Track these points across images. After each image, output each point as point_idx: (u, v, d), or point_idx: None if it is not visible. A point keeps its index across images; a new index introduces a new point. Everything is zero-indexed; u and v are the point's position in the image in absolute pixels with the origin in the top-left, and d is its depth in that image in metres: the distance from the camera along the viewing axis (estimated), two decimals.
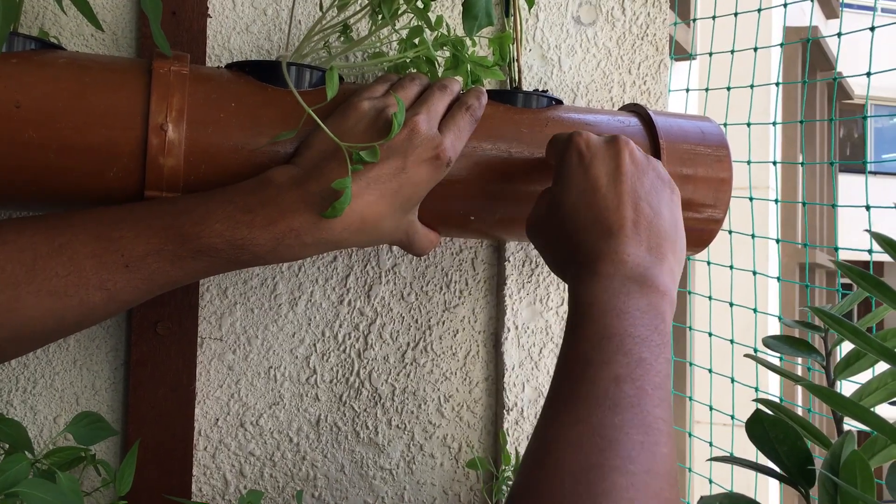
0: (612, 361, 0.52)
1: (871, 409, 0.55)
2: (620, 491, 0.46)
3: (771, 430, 0.61)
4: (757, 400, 0.65)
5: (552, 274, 0.86)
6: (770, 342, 0.70)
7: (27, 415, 0.75)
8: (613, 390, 0.50)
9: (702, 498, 0.62)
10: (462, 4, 0.61)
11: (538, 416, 0.54)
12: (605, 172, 0.61)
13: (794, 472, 0.60)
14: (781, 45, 1.09)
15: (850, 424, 0.63)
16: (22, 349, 0.61)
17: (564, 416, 0.50)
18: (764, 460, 0.66)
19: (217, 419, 0.79)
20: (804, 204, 1.12)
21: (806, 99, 7.45)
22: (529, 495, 0.48)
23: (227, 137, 0.63)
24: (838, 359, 0.67)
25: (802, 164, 1.19)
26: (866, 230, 0.57)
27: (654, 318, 0.55)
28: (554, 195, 0.64)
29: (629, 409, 0.49)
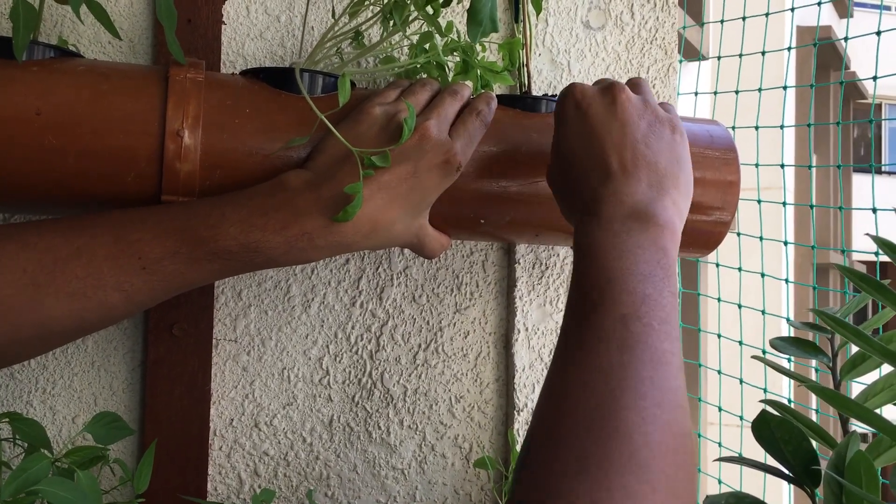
0: (618, 301, 0.52)
1: (875, 411, 0.55)
2: (633, 426, 0.47)
3: (777, 431, 0.61)
4: (763, 401, 0.66)
5: (562, 275, 0.87)
6: (777, 343, 0.70)
7: (46, 415, 0.77)
8: (620, 330, 0.51)
9: (707, 497, 0.63)
10: (467, 11, 0.62)
11: (550, 360, 0.55)
12: (601, 118, 0.62)
13: (800, 472, 0.61)
14: (789, 49, 1.10)
15: (857, 425, 0.63)
16: (42, 348, 0.63)
17: (574, 359, 0.51)
18: (773, 462, 0.66)
19: (232, 419, 0.80)
20: (812, 207, 1.12)
21: (819, 99, 7.42)
22: (545, 439, 0.49)
23: (241, 143, 0.64)
24: (845, 360, 0.68)
25: (810, 167, 1.19)
26: (867, 234, 0.58)
27: (655, 252, 0.56)
28: (556, 145, 0.65)
29: (637, 347, 0.50)
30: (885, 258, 0.63)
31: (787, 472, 0.63)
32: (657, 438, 0.48)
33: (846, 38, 1.00)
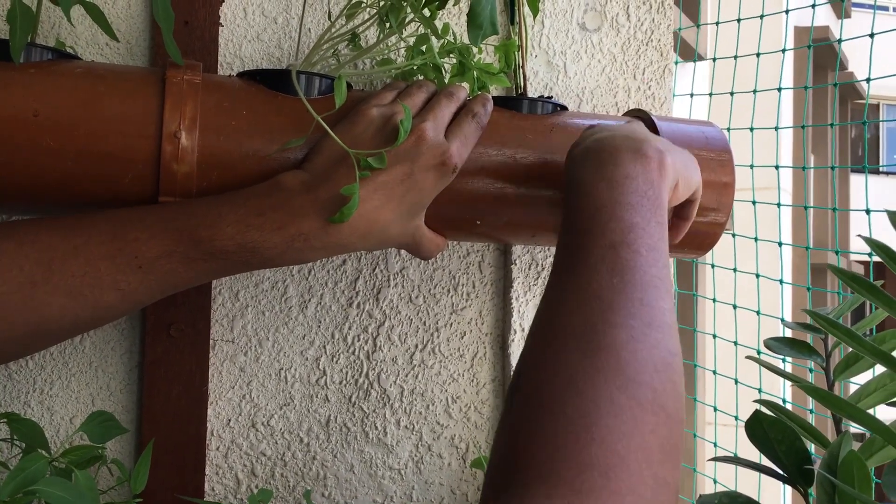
0: (606, 229, 0.55)
1: (867, 411, 0.56)
2: (622, 343, 0.49)
3: (770, 431, 0.62)
4: (757, 401, 0.66)
5: None
6: (771, 344, 0.71)
7: (44, 415, 0.77)
8: (610, 255, 0.53)
9: (700, 496, 0.63)
10: (467, 14, 0.63)
11: (544, 289, 0.57)
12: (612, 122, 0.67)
13: (793, 472, 0.61)
14: (783, 51, 1.10)
15: (850, 425, 0.64)
16: (38, 346, 0.63)
17: (566, 283, 0.53)
18: (767, 462, 0.67)
19: (229, 420, 0.81)
20: (807, 208, 1.13)
21: (817, 99, 7.42)
22: (537, 360, 0.51)
23: (238, 144, 0.65)
24: (838, 360, 0.68)
25: (804, 168, 1.20)
26: (859, 235, 0.59)
27: (642, 183, 0.58)
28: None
29: (626, 271, 0.52)
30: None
31: (780, 471, 0.64)
32: (644, 355, 0.49)
33: (840, 41, 1.01)
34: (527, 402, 0.49)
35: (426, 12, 0.68)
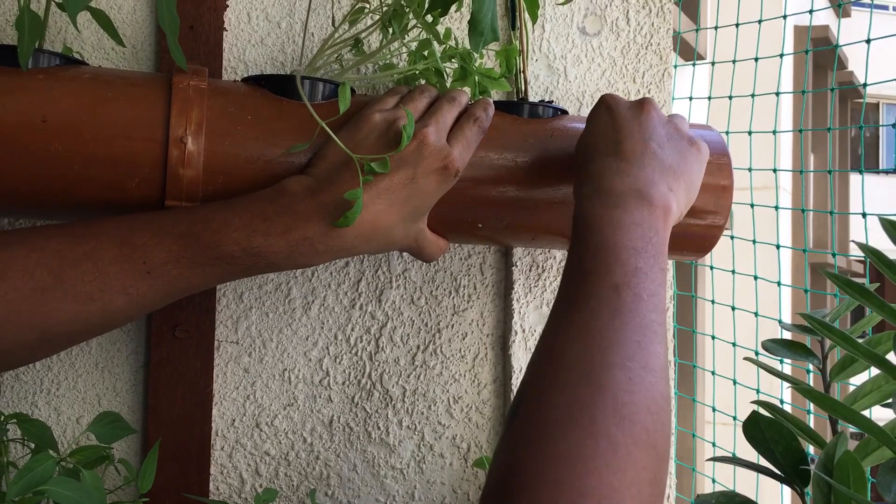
0: (611, 271, 0.57)
1: (861, 412, 0.57)
2: (620, 383, 0.51)
3: (767, 431, 0.63)
4: (754, 402, 0.67)
5: (558, 278, 0.88)
6: (768, 346, 0.72)
7: (51, 416, 0.78)
8: (613, 297, 0.56)
9: (698, 496, 0.64)
10: (468, 21, 0.63)
11: (547, 321, 0.59)
12: (625, 117, 0.67)
13: (790, 472, 0.62)
14: (781, 55, 1.11)
15: (848, 425, 0.65)
16: (48, 351, 0.64)
17: (571, 319, 0.55)
18: (765, 462, 0.68)
19: (234, 420, 0.82)
20: (804, 211, 1.13)
21: (817, 99, 7.42)
22: (538, 390, 0.53)
23: (243, 149, 0.65)
24: (835, 362, 0.69)
25: (801, 171, 1.21)
26: (853, 241, 0.59)
27: (647, 230, 0.60)
28: (581, 138, 0.69)
29: (627, 314, 0.55)
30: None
31: (777, 471, 0.65)
32: (640, 397, 0.51)
33: (836, 46, 1.01)
34: (526, 429, 0.51)
35: (428, 18, 0.69)
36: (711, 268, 1.21)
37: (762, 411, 0.65)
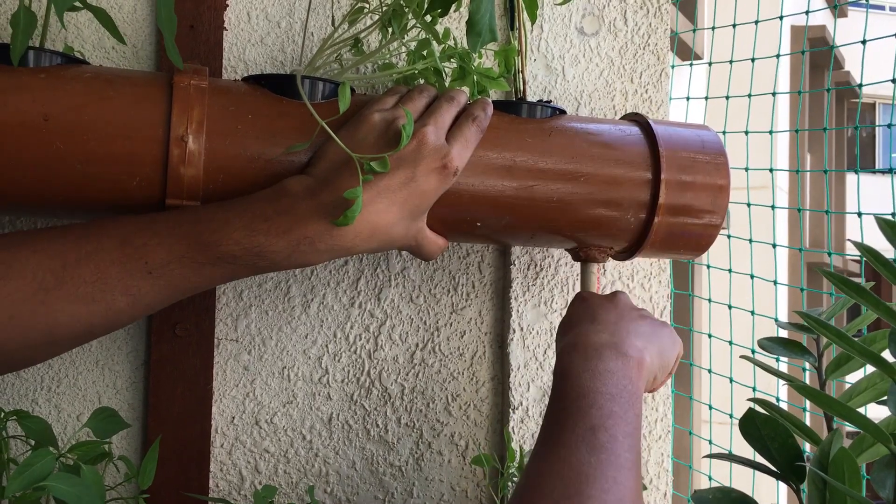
0: (588, 414, 0.63)
1: (856, 409, 0.57)
2: None
3: (763, 428, 0.63)
4: (750, 399, 0.68)
5: (556, 277, 0.89)
6: (765, 344, 0.72)
7: (51, 413, 0.78)
8: (590, 437, 0.61)
9: (695, 492, 0.65)
10: (466, 22, 0.64)
11: (531, 452, 0.65)
12: (601, 301, 0.75)
13: (785, 468, 0.63)
14: (778, 56, 1.11)
15: (844, 423, 0.65)
16: (51, 352, 0.64)
17: (551, 454, 0.61)
18: (761, 458, 0.68)
19: (233, 417, 0.82)
20: (800, 210, 1.14)
21: (814, 98, 7.44)
22: None
23: (244, 148, 0.66)
24: (831, 360, 0.70)
25: (798, 171, 1.21)
26: (849, 240, 0.60)
27: (622, 378, 0.66)
28: (562, 322, 0.76)
29: (603, 452, 0.60)
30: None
31: (773, 468, 0.65)
32: None
33: (833, 46, 1.02)
34: None
35: (428, 18, 0.69)
36: (708, 267, 1.22)
37: (758, 409, 0.66)
